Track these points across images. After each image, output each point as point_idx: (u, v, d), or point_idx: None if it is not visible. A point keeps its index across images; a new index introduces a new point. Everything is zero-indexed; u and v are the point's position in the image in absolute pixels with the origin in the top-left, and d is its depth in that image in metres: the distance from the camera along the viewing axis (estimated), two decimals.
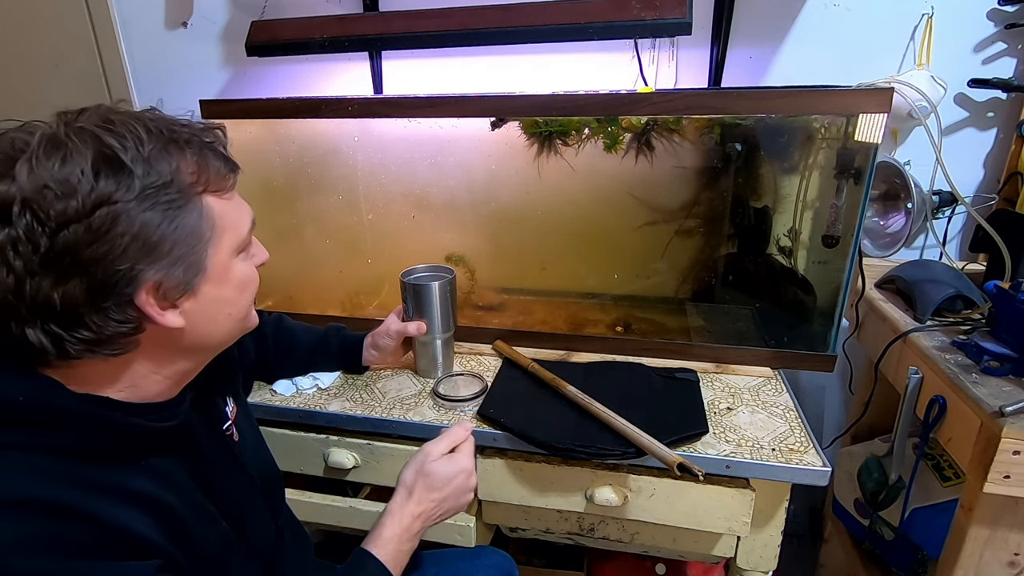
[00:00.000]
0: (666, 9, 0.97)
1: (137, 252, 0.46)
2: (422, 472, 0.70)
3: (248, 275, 0.57)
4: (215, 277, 0.53)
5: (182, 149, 0.50)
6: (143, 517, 0.48)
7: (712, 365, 1.02)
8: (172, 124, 0.51)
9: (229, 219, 0.53)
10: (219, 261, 0.53)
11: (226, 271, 0.54)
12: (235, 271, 0.55)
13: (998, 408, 0.70)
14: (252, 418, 0.74)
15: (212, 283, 0.52)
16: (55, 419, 0.47)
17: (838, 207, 0.97)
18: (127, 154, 0.46)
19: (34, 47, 1.47)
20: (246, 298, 0.58)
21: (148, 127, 0.49)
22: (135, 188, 0.46)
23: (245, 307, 0.58)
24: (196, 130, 0.53)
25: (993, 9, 1.08)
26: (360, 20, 1.17)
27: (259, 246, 0.62)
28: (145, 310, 0.48)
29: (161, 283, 0.48)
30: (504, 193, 1.09)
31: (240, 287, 0.56)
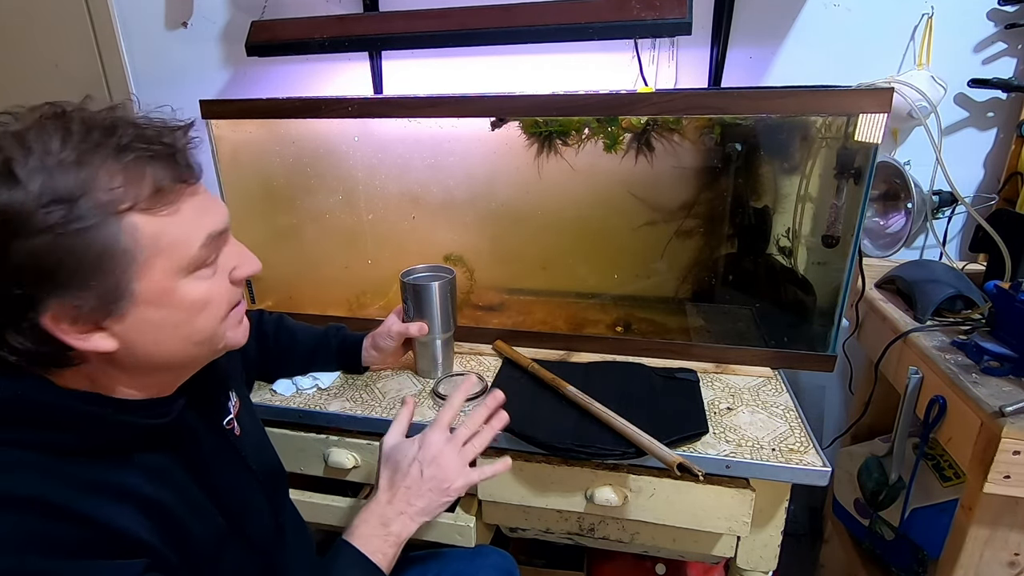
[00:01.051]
0: (666, 9, 0.97)
1: (32, 278, 0.42)
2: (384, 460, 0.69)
3: (207, 295, 0.51)
4: (151, 300, 0.47)
5: (107, 158, 0.44)
6: (134, 514, 0.47)
7: (712, 365, 1.02)
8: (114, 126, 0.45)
9: (168, 238, 0.47)
10: (153, 284, 0.47)
11: (169, 294, 0.48)
12: (185, 292, 0.49)
13: (998, 408, 0.70)
14: (255, 414, 0.73)
15: (148, 306, 0.47)
16: (44, 417, 0.46)
17: (838, 207, 0.97)
18: (25, 166, 0.41)
19: (34, 47, 1.47)
20: (206, 319, 0.51)
21: (70, 131, 0.43)
22: (28, 206, 0.40)
23: (205, 328, 0.51)
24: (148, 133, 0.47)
25: (993, 9, 1.08)
26: (360, 20, 1.17)
27: (245, 255, 0.56)
28: (56, 335, 0.44)
29: (68, 310, 0.44)
30: (504, 193, 1.09)
31: (192, 308, 0.50)
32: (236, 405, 0.67)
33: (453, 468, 0.68)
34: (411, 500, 0.66)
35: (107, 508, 0.46)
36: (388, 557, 0.63)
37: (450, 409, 0.72)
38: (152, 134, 0.47)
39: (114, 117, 0.47)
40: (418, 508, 0.66)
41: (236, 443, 0.63)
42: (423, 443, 0.68)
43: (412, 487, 0.66)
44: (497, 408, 0.74)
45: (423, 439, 0.69)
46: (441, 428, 0.70)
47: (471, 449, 0.70)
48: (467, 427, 0.71)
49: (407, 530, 0.65)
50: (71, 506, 0.44)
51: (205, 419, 0.60)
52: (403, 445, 0.70)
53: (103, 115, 0.46)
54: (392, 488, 0.66)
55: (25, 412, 0.46)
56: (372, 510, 0.65)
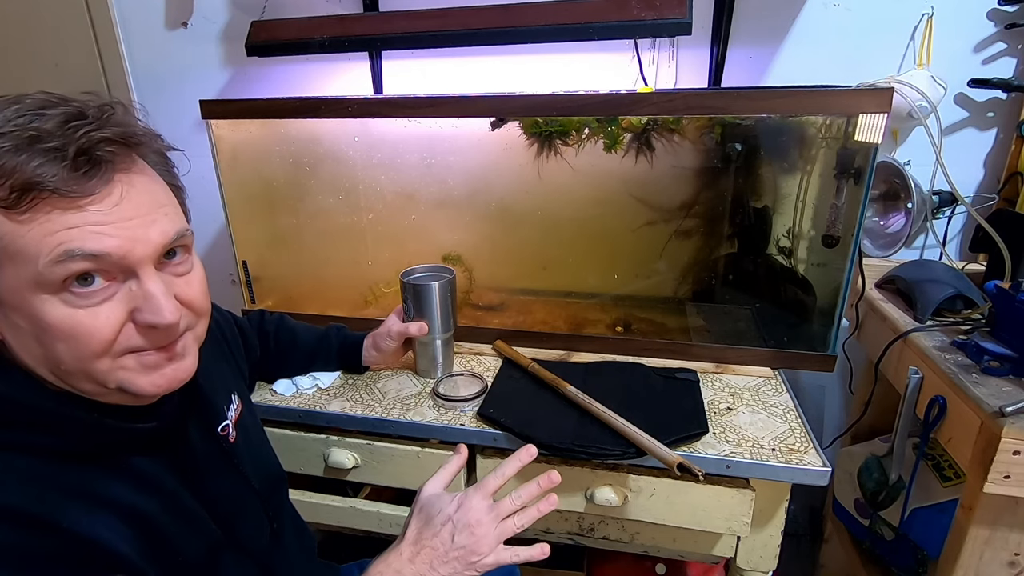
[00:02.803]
0: (666, 9, 0.97)
1: None
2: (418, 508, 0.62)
3: (68, 324, 0.44)
4: (11, 304, 0.44)
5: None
6: (115, 525, 0.46)
7: (712, 365, 1.02)
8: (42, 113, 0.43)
9: (18, 246, 0.42)
10: (10, 288, 0.43)
11: (24, 306, 0.44)
12: (37, 310, 0.43)
13: (998, 408, 0.70)
14: (257, 417, 0.73)
15: (10, 309, 0.44)
16: (28, 417, 0.46)
17: (838, 207, 0.97)
18: None
19: (34, 47, 1.47)
20: (67, 350, 0.45)
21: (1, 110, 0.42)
22: None
23: (70, 361, 0.45)
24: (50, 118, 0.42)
25: (993, 9, 1.08)
26: (360, 20, 1.17)
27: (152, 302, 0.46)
28: None
29: None
30: (504, 193, 1.09)
31: (49, 332, 0.44)
32: (237, 409, 0.66)
33: (487, 542, 0.60)
34: (435, 565, 0.59)
35: (88, 518, 0.45)
36: None
37: (499, 477, 0.65)
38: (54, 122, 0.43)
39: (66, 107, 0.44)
40: (438, 574, 0.59)
41: (229, 450, 0.62)
42: (462, 505, 0.61)
43: (439, 550, 0.59)
44: (549, 490, 0.66)
45: (464, 500, 0.61)
46: (485, 494, 0.62)
47: (511, 526, 0.62)
48: (513, 501, 0.63)
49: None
50: (49, 517, 0.43)
51: (198, 425, 0.59)
52: (441, 499, 0.62)
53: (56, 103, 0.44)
54: (418, 544, 0.59)
55: (10, 412, 0.45)
56: (391, 563, 0.58)
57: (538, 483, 0.64)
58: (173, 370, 0.50)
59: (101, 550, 0.44)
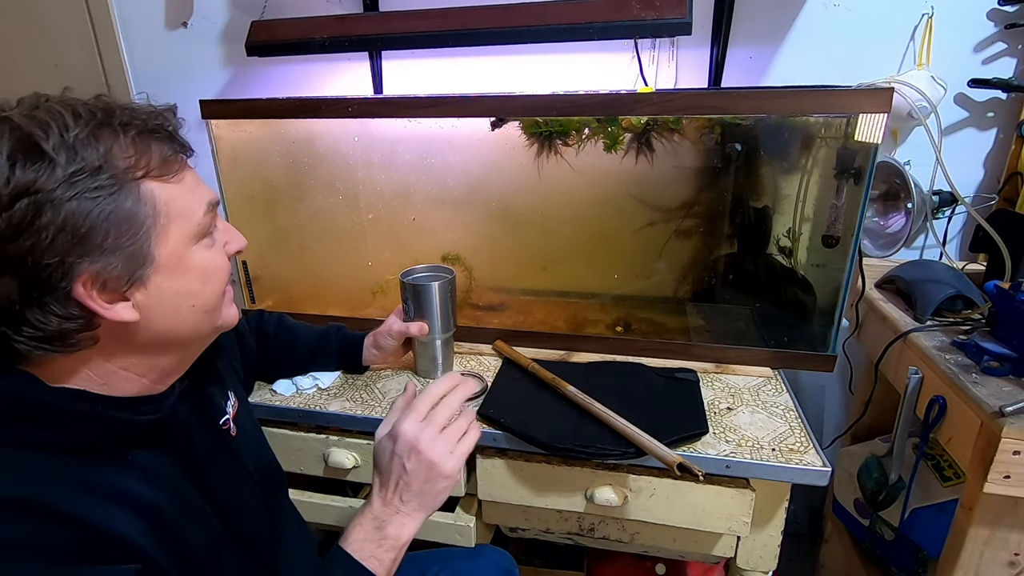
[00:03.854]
0: (666, 9, 0.97)
1: (66, 244, 0.44)
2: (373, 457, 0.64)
3: (213, 264, 0.54)
4: (168, 267, 0.50)
5: (116, 133, 0.47)
6: (126, 516, 0.47)
7: (712, 365, 1.02)
8: (110, 108, 0.48)
9: (179, 204, 0.50)
10: (171, 249, 0.50)
11: (181, 260, 0.51)
12: (194, 259, 0.52)
13: (998, 408, 0.70)
14: (254, 416, 0.73)
15: (165, 273, 0.50)
16: (34, 414, 0.46)
17: (838, 207, 0.97)
18: (48, 141, 0.43)
19: (34, 47, 1.47)
20: (212, 289, 0.54)
21: (77, 112, 0.46)
22: (57, 176, 0.43)
23: (211, 298, 0.54)
24: (139, 113, 0.50)
25: (993, 9, 1.08)
26: (360, 20, 1.17)
27: (232, 232, 0.59)
28: (87, 304, 0.46)
29: (99, 275, 0.46)
30: (504, 193, 1.09)
31: (203, 277, 0.53)
32: (234, 405, 0.67)
33: (437, 451, 0.61)
34: (403, 497, 0.61)
35: (99, 510, 0.45)
36: (386, 563, 0.59)
37: (427, 396, 0.64)
38: (144, 115, 0.50)
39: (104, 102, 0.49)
40: (413, 504, 0.61)
41: (232, 443, 0.63)
42: (398, 436, 0.62)
43: (399, 483, 0.61)
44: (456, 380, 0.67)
45: (394, 428, 0.62)
46: (415, 415, 0.62)
47: (455, 429, 0.63)
48: (446, 406, 0.64)
49: (406, 531, 0.61)
50: (62, 508, 0.43)
51: (200, 418, 0.60)
52: (382, 443, 0.63)
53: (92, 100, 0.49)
54: (383, 488, 0.62)
55: (14, 409, 0.46)
56: (366, 513, 0.61)
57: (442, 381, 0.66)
58: (236, 305, 0.60)
59: (115, 540, 0.45)
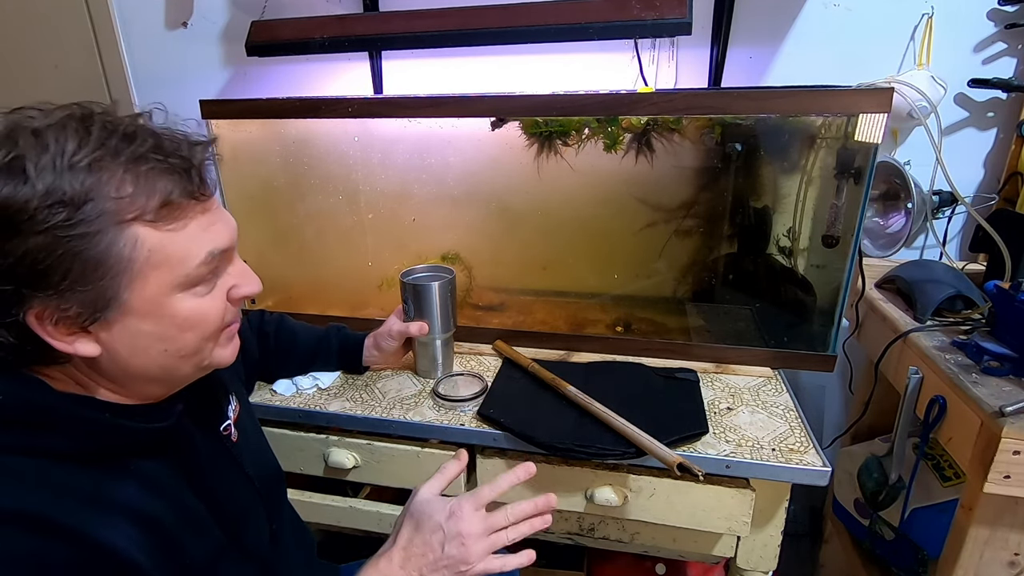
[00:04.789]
0: (666, 9, 0.97)
1: (23, 275, 0.42)
2: (409, 512, 0.62)
3: (198, 312, 0.50)
4: (141, 311, 0.47)
5: (121, 167, 0.44)
6: (127, 529, 0.46)
7: (712, 365, 1.02)
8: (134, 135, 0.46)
9: (168, 252, 0.47)
10: (147, 295, 0.46)
11: (159, 307, 0.47)
12: (175, 307, 0.48)
13: (998, 408, 0.70)
14: (255, 418, 0.73)
15: (136, 317, 0.47)
16: (40, 420, 0.46)
17: (838, 207, 0.97)
18: (36, 164, 0.41)
19: (34, 47, 1.47)
20: (192, 336, 0.50)
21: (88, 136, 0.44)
22: (32, 204, 0.40)
23: (189, 345, 0.50)
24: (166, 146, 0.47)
25: (993, 9, 1.08)
26: (360, 20, 1.17)
27: (246, 276, 0.55)
28: (39, 335, 0.44)
29: (55, 311, 0.44)
30: (504, 193, 1.09)
31: (181, 324, 0.49)
32: (236, 409, 0.67)
33: (476, 552, 0.59)
34: (424, 573, 0.59)
35: (99, 523, 0.45)
36: None
37: (494, 490, 0.63)
38: (170, 147, 0.48)
39: (137, 125, 0.47)
40: None
41: (232, 449, 0.63)
42: (454, 514, 0.60)
43: (428, 557, 0.59)
44: (546, 509, 0.65)
45: (456, 510, 0.60)
46: (477, 504, 0.61)
47: (502, 539, 0.62)
48: (506, 515, 0.62)
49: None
50: (63, 521, 0.43)
51: (202, 425, 0.59)
52: (433, 505, 0.61)
53: (127, 122, 0.47)
54: (408, 550, 0.59)
55: (19, 413, 0.45)
56: (381, 569, 0.58)
57: (535, 503, 0.64)
58: (236, 340, 0.57)
59: (114, 557, 0.45)
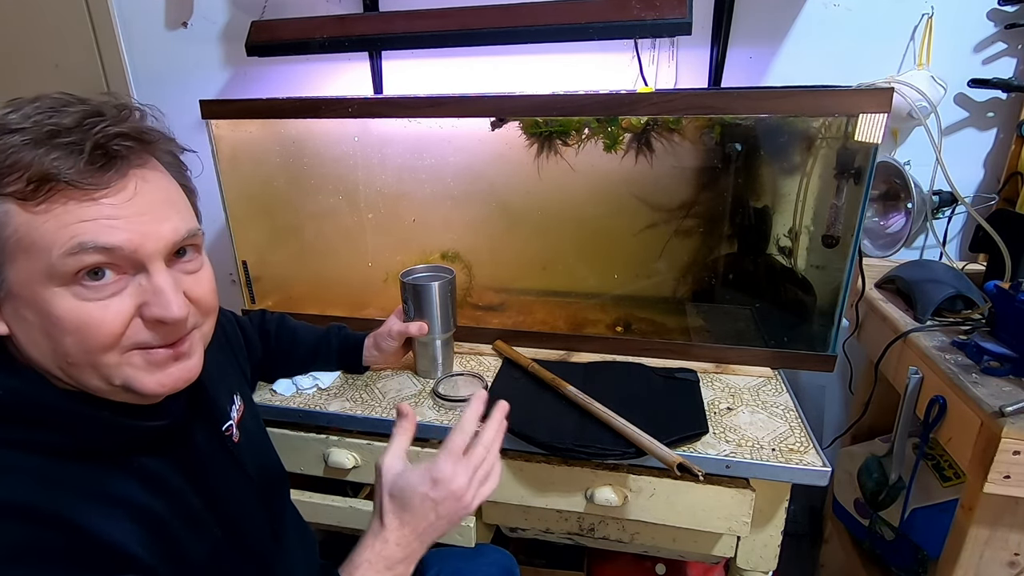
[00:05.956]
0: (666, 9, 0.97)
1: None
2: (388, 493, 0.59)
3: (78, 317, 0.44)
4: (21, 297, 0.44)
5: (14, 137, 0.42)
6: (127, 525, 0.46)
7: (712, 365, 1.02)
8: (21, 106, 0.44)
9: (33, 236, 0.43)
10: (21, 281, 0.44)
11: (35, 297, 0.44)
12: (49, 303, 0.44)
13: (998, 408, 0.70)
14: (259, 418, 0.73)
15: (20, 303, 0.44)
16: (40, 415, 0.46)
17: (838, 207, 0.97)
18: None
19: (34, 47, 1.47)
20: (74, 343, 0.45)
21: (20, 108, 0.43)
22: None
23: (76, 354, 0.45)
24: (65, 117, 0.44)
25: (993, 9, 1.08)
26: (360, 20, 1.17)
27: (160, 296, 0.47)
28: None
29: None
30: (504, 193, 1.09)
31: (58, 326, 0.44)
32: (240, 409, 0.66)
33: (470, 496, 0.60)
34: (424, 538, 0.59)
35: (99, 517, 0.45)
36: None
37: (461, 434, 0.62)
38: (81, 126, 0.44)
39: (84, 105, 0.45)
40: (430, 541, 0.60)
41: (234, 450, 0.62)
42: (435, 476, 0.58)
43: (422, 524, 0.59)
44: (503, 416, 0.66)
45: (434, 470, 0.59)
46: (454, 457, 0.60)
47: (485, 467, 0.62)
48: (484, 447, 0.62)
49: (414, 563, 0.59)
50: (62, 514, 0.43)
51: (203, 424, 0.59)
52: (410, 477, 0.59)
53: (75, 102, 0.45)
54: (402, 527, 0.58)
55: (20, 410, 0.45)
56: (376, 550, 0.57)
57: (496, 421, 0.64)
58: (179, 369, 0.50)
59: (114, 550, 0.45)
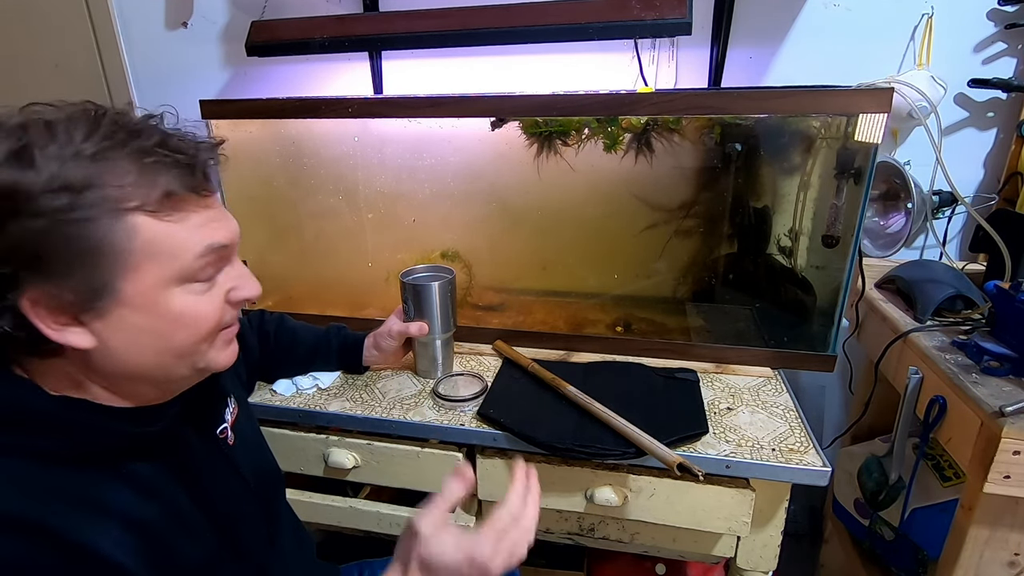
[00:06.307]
0: (666, 9, 0.97)
1: (20, 258, 0.42)
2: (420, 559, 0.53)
3: (193, 310, 0.49)
4: (135, 304, 0.46)
5: (124, 158, 0.45)
6: (118, 535, 0.46)
7: (712, 365, 1.02)
8: (141, 130, 0.47)
9: (165, 244, 0.46)
10: (142, 288, 0.46)
11: (152, 301, 0.47)
12: (169, 303, 0.48)
13: (998, 408, 0.70)
14: (254, 419, 0.73)
15: (131, 309, 0.46)
16: (32, 422, 0.46)
17: (838, 207, 0.97)
18: (44, 151, 0.42)
19: (34, 47, 1.47)
20: (186, 335, 0.49)
21: (96, 128, 0.45)
22: (35, 188, 0.41)
23: (183, 345, 0.50)
24: (172, 143, 0.48)
25: (993, 9, 1.08)
26: (360, 20, 1.17)
27: (245, 279, 0.54)
28: (32, 321, 0.44)
29: (50, 296, 0.43)
30: (504, 193, 1.09)
31: (176, 322, 0.48)
32: (234, 411, 0.66)
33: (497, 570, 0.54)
34: None
35: (89, 527, 0.44)
36: None
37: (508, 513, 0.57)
38: (176, 143, 0.48)
39: (146, 123, 0.49)
40: None
41: (229, 453, 0.62)
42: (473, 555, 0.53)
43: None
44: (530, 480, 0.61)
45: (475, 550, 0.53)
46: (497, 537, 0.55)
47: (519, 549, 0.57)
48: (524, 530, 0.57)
49: None
50: (51, 525, 0.43)
51: (197, 428, 0.59)
52: (446, 546, 0.53)
53: (137, 119, 0.48)
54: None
55: (10, 415, 0.45)
56: None
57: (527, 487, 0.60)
58: (234, 345, 0.56)
59: (99, 560, 0.44)
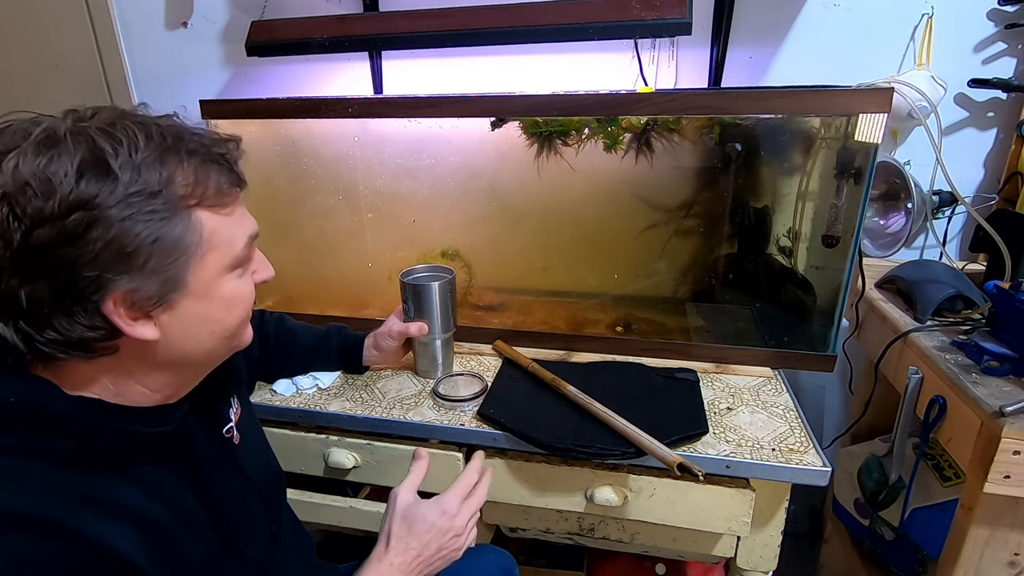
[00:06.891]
0: (666, 9, 0.97)
1: (109, 260, 0.44)
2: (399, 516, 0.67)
3: (240, 293, 0.55)
4: (198, 293, 0.50)
5: (181, 159, 0.48)
6: (129, 532, 0.47)
7: (712, 365, 1.02)
8: (181, 132, 0.50)
9: (222, 235, 0.51)
10: (204, 277, 0.51)
11: (211, 288, 0.52)
12: (223, 289, 0.53)
13: (998, 408, 0.70)
14: (256, 418, 0.73)
15: (193, 298, 0.50)
16: (48, 422, 0.46)
17: (838, 207, 0.97)
18: (117, 159, 0.44)
19: (34, 47, 1.47)
20: (234, 316, 0.55)
21: (150, 133, 0.47)
22: (117, 194, 0.44)
23: (232, 326, 0.55)
24: (206, 141, 0.51)
25: (993, 9, 1.08)
26: (360, 20, 1.17)
27: (263, 263, 0.60)
28: (112, 319, 0.46)
29: (131, 294, 0.46)
30: (504, 193, 1.09)
31: (228, 305, 0.54)
32: (237, 411, 0.67)
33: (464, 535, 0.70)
34: (423, 570, 0.66)
35: (102, 525, 0.45)
36: None
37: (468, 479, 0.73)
38: (209, 143, 0.52)
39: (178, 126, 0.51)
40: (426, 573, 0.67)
41: (234, 452, 0.63)
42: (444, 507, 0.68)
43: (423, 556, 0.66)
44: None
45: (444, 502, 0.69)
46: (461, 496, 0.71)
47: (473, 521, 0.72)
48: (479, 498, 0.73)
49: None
50: (66, 523, 0.43)
51: (205, 428, 0.60)
52: (420, 506, 0.68)
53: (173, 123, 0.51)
54: (405, 552, 0.65)
55: (28, 416, 0.46)
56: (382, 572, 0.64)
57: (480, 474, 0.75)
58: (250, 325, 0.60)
59: (115, 557, 0.45)
